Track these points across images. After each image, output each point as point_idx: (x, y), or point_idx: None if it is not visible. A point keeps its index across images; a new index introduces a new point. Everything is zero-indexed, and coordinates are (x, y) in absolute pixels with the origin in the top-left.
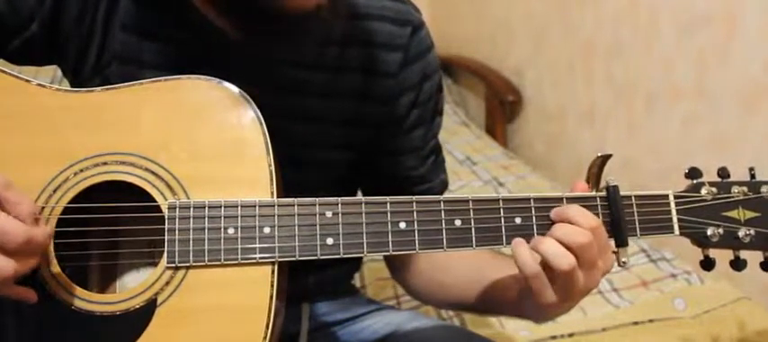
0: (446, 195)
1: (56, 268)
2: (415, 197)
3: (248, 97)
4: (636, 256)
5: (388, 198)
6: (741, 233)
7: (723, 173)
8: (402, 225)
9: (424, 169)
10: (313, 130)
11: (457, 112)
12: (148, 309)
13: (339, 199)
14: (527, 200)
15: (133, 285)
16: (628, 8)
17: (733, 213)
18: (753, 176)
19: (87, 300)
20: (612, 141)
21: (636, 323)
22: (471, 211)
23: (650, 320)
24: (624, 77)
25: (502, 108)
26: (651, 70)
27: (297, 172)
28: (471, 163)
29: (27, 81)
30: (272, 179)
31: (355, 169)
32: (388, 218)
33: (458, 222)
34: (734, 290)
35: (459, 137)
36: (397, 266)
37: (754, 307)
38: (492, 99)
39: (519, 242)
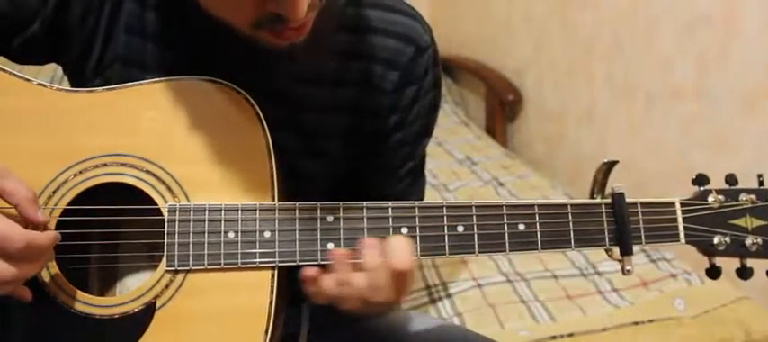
0: (449, 201)
1: (55, 270)
2: (417, 202)
3: (250, 99)
4: (636, 256)
5: (390, 203)
6: (748, 242)
7: (731, 180)
8: (404, 231)
9: (397, 190)
10: (309, 144)
11: (457, 112)
12: (147, 312)
13: (340, 203)
14: (531, 206)
15: (134, 288)
16: (627, 8)
17: (740, 221)
18: (761, 183)
19: (86, 302)
20: (612, 141)
21: (636, 323)
22: (474, 217)
23: (650, 320)
24: (624, 78)
25: (502, 108)
26: (651, 70)
27: (295, 185)
28: (471, 163)
29: (28, 80)
30: (272, 182)
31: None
32: (390, 223)
33: (460, 228)
34: (734, 290)
35: (459, 137)
36: None
37: (754, 307)
38: (492, 99)
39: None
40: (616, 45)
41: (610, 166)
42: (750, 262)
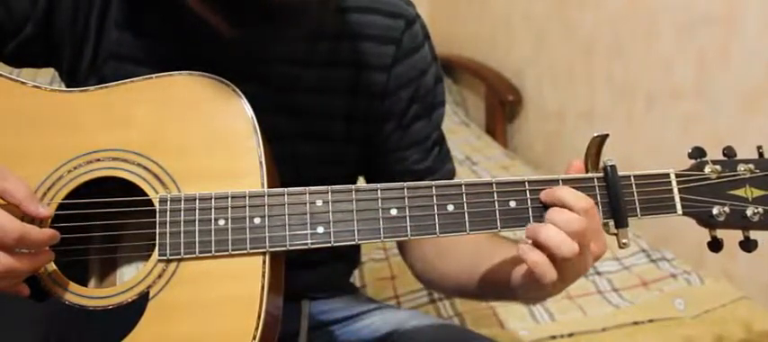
0: (437, 181)
1: (50, 263)
2: (405, 183)
3: (237, 90)
4: (636, 255)
5: (378, 185)
6: (749, 212)
7: (729, 151)
8: (393, 211)
9: (428, 161)
10: (307, 127)
11: (457, 112)
12: (141, 302)
13: (329, 187)
14: (521, 183)
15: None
16: (627, 8)
17: (740, 191)
18: (761, 154)
19: (80, 294)
20: (612, 141)
21: (636, 323)
22: (464, 195)
23: (650, 320)
24: (624, 77)
25: (502, 108)
26: (651, 70)
27: (293, 171)
28: (471, 163)
29: (22, 83)
30: (262, 170)
31: (363, 166)
32: (379, 205)
33: (450, 207)
34: (734, 290)
35: (459, 137)
36: (404, 251)
37: (754, 307)
38: (492, 99)
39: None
40: (616, 45)
41: (601, 139)
42: (753, 234)
